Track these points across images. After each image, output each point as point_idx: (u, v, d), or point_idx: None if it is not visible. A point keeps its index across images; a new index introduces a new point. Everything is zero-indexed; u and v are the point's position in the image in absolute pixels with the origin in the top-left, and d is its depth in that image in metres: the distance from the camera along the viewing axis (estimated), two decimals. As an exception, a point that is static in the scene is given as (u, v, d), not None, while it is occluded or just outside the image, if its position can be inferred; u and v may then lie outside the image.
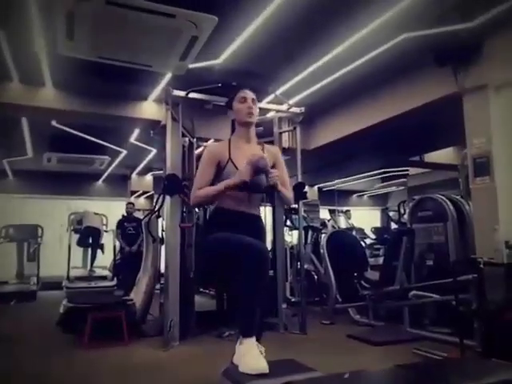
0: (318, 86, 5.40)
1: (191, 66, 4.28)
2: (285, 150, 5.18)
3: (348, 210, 11.49)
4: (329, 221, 9.94)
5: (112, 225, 9.01)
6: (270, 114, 5.28)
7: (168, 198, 4.31)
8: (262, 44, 4.26)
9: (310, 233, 7.40)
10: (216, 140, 2.17)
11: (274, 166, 2.18)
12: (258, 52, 4.44)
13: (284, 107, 5.06)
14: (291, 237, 6.85)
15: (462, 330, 3.36)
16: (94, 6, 3.15)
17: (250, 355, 1.81)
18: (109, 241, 8.55)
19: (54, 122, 6.43)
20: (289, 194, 2.21)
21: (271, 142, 4.97)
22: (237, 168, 2.08)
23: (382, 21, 3.86)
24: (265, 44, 4.27)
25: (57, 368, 3.53)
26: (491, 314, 3.38)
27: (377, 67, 4.80)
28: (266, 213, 5.81)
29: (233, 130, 2.28)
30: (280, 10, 3.67)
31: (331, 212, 11.07)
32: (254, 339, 1.87)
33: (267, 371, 1.75)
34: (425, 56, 4.38)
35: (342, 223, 10.82)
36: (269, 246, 6.16)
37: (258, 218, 2.26)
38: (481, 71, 4.14)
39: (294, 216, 5.53)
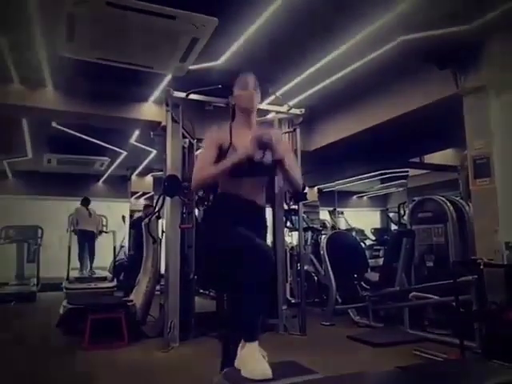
0: (318, 87, 5.40)
1: (191, 67, 4.28)
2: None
3: (341, 212, 11.57)
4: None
5: (111, 226, 9.04)
6: (270, 115, 5.29)
7: (168, 199, 4.31)
8: (262, 45, 4.26)
9: (309, 234, 7.40)
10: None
11: None
12: (258, 53, 4.44)
13: (284, 108, 5.06)
14: (291, 238, 6.85)
15: (462, 331, 3.36)
16: (94, 7, 3.15)
17: (253, 360, 1.78)
18: (109, 242, 8.55)
19: (54, 123, 6.44)
20: (297, 174, 2.09)
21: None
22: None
23: (381, 23, 3.86)
24: (265, 45, 4.27)
25: (57, 369, 3.53)
26: (491, 315, 3.39)
27: (377, 69, 4.80)
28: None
29: (233, 117, 2.21)
30: (280, 12, 3.67)
31: (331, 213, 11.09)
32: (256, 343, 1.85)
33: (271, 377, 1.73)
34: (425, 58, 4.38)
35: (342, 224, 10.85)
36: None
37: (262, 209, 2.16)
38: (480, 73, 4.14)
39: (293, 217, 5.53)
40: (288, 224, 5.75)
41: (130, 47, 3.79)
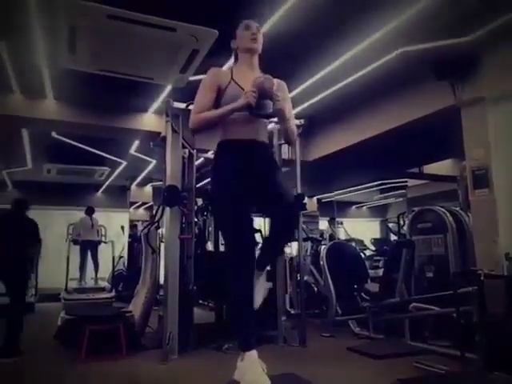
0: (318, 98, 5.44)
1: (192, 78, 4.30)
2: (284, 162, 5.20)
3: (341, 223, 11.54)
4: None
5: (110, 236, 9.02)
6: (270, 126, 5.30)
7: (167, 209, 4.30)
8: (262, 57, 4.29)
9: (309, 244, 7.38)
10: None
11: None
12: (258, 65, 4.47)
13: (283, 119, 5.07)
14: (290, 248, 6.83)
15: (463, 343, 3.34)
16: (95, 19, 3.18)
17: (252, 372, 1.75)
18: (107, 252, 8.51)
19: (54, 133, 6.46)
20: (293, 125, 2.08)
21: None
22: (240, 87, 1.97)
23: (381, 34, 3.90)
24: (264, 57, 4.30)
25: (54, 381, 3.49)
26: (492, 326, 3.36)
27: (376, 80, 4.84)
28: (264, 224, 5.82)
29: (235, 60, 2.21)
30: (279, 24, 3.71)
31: (330, 222, 11.07)
32: (255, 354, 1.82)
33: None
34: (423, 69, 4.42)
35: (342, 234, 10.83)
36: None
37: (266, 147, 2.09)
38: (479, 84, 4.17)
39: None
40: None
41: (131, 59, 3.82)
